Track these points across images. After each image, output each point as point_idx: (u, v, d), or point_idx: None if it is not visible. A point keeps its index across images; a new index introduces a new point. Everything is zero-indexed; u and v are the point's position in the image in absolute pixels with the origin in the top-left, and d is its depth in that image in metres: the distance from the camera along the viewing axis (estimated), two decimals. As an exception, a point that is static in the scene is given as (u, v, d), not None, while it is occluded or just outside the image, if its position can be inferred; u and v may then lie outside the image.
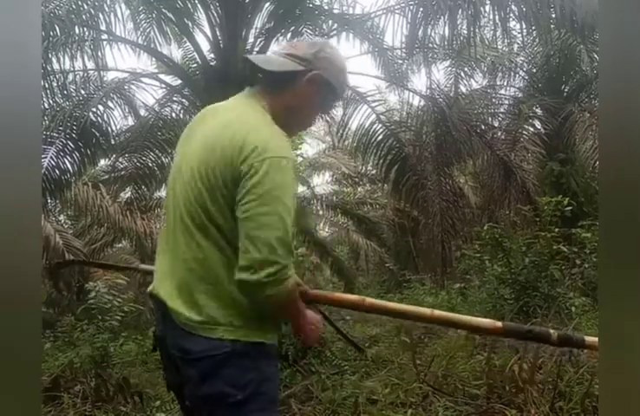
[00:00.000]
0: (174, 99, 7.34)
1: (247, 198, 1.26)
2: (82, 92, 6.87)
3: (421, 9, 5.59)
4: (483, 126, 8.88)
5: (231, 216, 1.31)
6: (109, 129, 6.87)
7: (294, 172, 1.33)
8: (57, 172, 6.75)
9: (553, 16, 5.21)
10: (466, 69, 9.05)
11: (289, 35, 6.56)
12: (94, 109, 6.58)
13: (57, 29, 5.25)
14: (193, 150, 1.41)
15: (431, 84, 8.02)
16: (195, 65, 6.98)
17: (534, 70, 10.06)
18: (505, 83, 10.18)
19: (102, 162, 8.88)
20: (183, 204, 1.38)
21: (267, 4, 6.05)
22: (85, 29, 5.53)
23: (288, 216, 1.28)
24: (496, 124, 9.93)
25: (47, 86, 5.66)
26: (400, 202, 10.23)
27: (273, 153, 1.28)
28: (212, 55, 6.15)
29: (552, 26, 5.94)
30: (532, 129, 9.56)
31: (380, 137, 7.40)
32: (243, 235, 1.27)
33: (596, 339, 1.54)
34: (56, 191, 6.87)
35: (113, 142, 7.19)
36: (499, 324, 1.54)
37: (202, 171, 1.34)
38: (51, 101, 6.14)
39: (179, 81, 6.76)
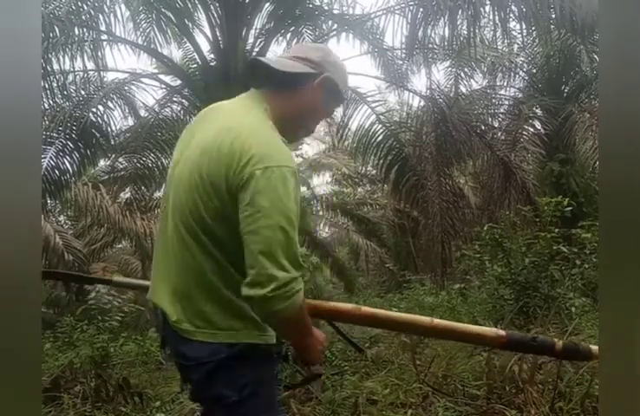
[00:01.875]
0: (174, 99, 7.35)
1: (249, 211, 1.22)
2: (82, 92, 6.88)
3: (421, 9, 5.59)
4: (483, 127, 8.89)
5: (226, 224, 1.28)
6: (109, 129, 6.89)
7: (296, 180, 1.27)
8: (57, 172, 6.76)
9: (553, 16, 5.21)
10: (466, 70, 9.05)
11: (289, 35, 6.57)
12: (94, 110, 6.59)
13: (57, 29, 5.25)
14: (190, 155, 1.38)
15: (431, 84, 8.03)
16: (195, 65, 6.98)
17: (534, 71, 10.07)
18: (505, 84, 10.19)
19: (102, 162, 8.90)
20: (179, 212, 1.35)
21: (267, 5, 6.04)
22: (85, 29, 5.53)
23: (292, 228, 1.23)
24: (496, 124, 9.93)
25: (47, 86, 5.67)
26: (400, 202, 10.25)
27: (274, 162, 1.24)
28: (212, 56, 6.15)
29: (552, 26, 5.94)
30: (532, 129, 9.56)
31: (380, 137, 7.40)
32: (247, 249, 1.22)
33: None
34: (56, 191, 6.87)
35: (113, 142, 7.21)
36: (502, 333, 1.52)
37: (198, 178, 1.31)
38: (51, 102, 6.15)
39: (179, 82, 6.77)
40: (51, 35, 5.23)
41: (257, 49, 6.01)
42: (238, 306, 1.31)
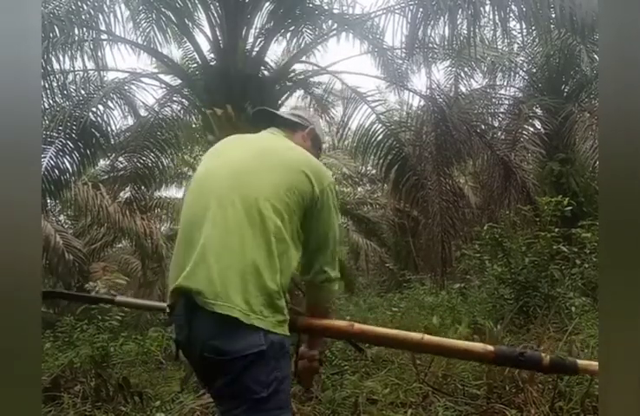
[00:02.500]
0: (174, 99, 7.34)
1: (322, 220, 1.66)
2: (82, 92, 6.87)
3: (421, 9, 5.58)
4: (483, 126, 8.88)
5: (291, 222, 1.58)
6: (109, 129, 6.88)
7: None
8: (57, 172, 6.76)
9: (553, 16, 5.20)
10: (466, 69, 9.04)
11: (289, 34, 6.57)
12: (94, 109, 6.59)
13: (57, 29, 5.25)
14: (244, 164, 1.66)
15: (431, 84, 8.00)
16: (195, 65, 6.98)
17: (534, 70, 10.07)
18: (505, 83, 10.19)
19: (102, 162, 8.90)
20: (244, 209, 1.52)
21: (267, 4, 6.04)
22: (85, 29, 5.53)
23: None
24: (496, 124, 9.93)
25: (47, 86, 5.66)
26: (400, 202, 10.24)
27: (330, 179, 1.72)
28: (212, 55, 6.15)
29: (552, 26, 5.93)
30: (532, 129, 9.56)
31: (380, 137, 7.39)
32: (325, 252, 1.69)
33: (588, 362, 1.60)
34: (56, 191, 6.87)
35: (112, 142, 7.20)
36: (491, 348, 1.59)
37: (270, 186, 1.57)
38: (51, 101, 6.13)
39: (179, 81, 6.76)
40: (51, 35, 5.23)
41: (257, 49, 6.01)
42: (271, 296, 1.47)
